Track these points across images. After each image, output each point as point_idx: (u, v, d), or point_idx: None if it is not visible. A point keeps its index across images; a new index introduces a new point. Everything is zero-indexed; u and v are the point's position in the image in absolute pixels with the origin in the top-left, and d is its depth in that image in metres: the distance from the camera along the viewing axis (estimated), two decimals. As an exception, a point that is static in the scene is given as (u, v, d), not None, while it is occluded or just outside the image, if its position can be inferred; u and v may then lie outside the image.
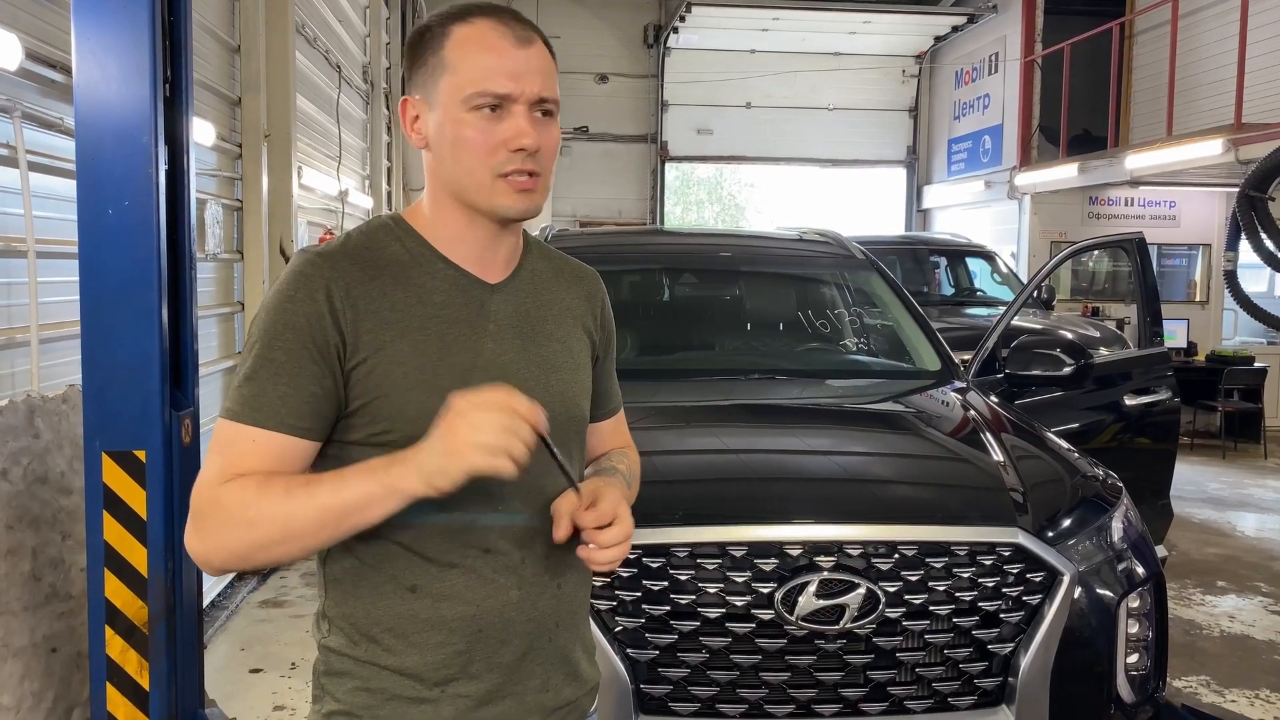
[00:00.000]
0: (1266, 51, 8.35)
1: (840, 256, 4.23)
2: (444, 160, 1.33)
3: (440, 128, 1.32)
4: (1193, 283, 11.90)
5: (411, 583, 1.31)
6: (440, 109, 1.31)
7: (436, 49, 1.32)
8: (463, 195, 1.33)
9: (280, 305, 1.27)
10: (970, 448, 2.90)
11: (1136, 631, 2.50)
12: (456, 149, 1.31)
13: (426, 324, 1.31)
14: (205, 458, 1.28)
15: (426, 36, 1.34)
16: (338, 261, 1.30)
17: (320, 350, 1.25)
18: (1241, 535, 6.91)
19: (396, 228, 1.37)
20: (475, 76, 1.29)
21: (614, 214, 14.15)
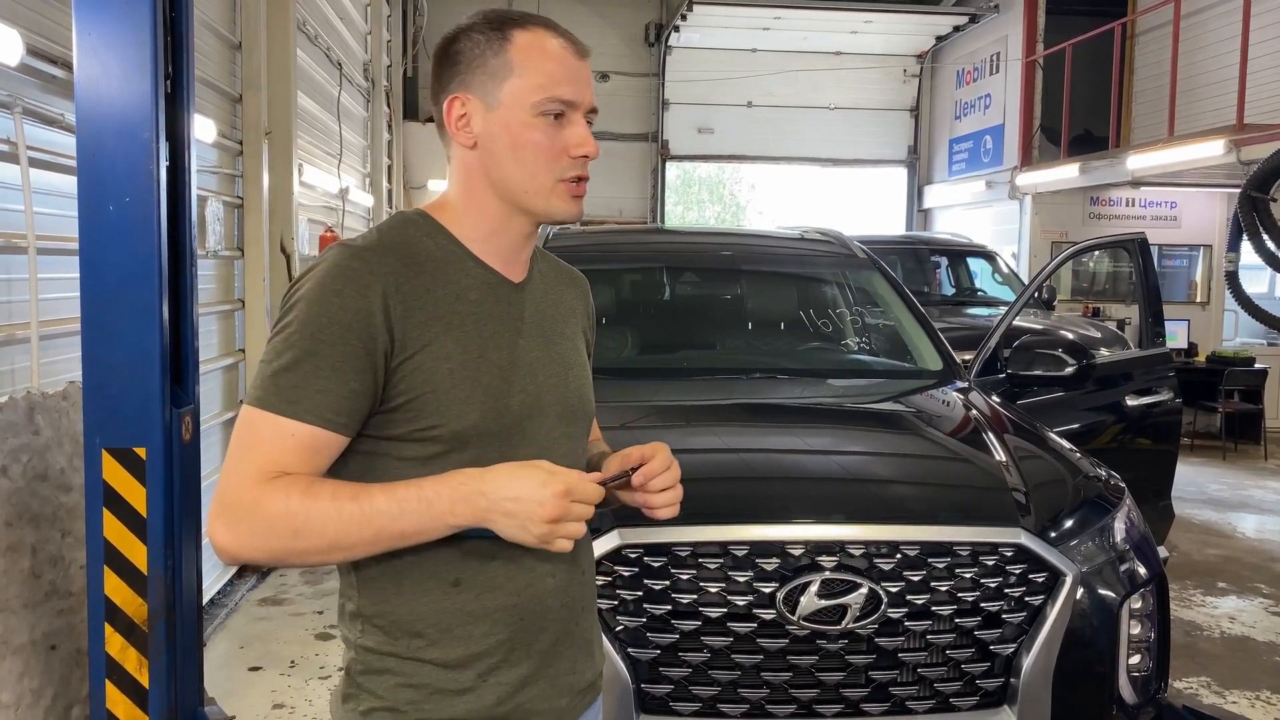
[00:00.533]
0: (1269, 52, 8.35)
1: (842, 256, 4.23)
2: (500, 160, 1.35)
3: (502, 128, 1.34)
4: (1194, 283, 11.89)
5: (455, 577, 1.33)
6: (504, 110, 1.34)
7: (499, 51, 1.34)
8: (516, 196, 1.36)
9: (325, 299, 1.26)
10: (972, 448, 2.89)
11: (1139, 632, 2.49)
12: (519, 151, 1.34)
13: (465, 321, 1.33)
14: (234, 446, 1.27)
15: (480, 39, 1.35)
16: (383, 257, 1.31)
17: (366, 348, 1.26)
18: (1242, 536, 6.90)
19: (425, 224, 1.39)
20: (544, 82, 1.33)
21: (615, 212, 14.14)
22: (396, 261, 1.31)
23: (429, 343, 1.29)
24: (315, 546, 1.22)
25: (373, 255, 1.30)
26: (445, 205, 1.41)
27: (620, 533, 2.24)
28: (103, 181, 2.52)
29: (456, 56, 1.36)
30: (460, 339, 1.32)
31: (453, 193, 1.41)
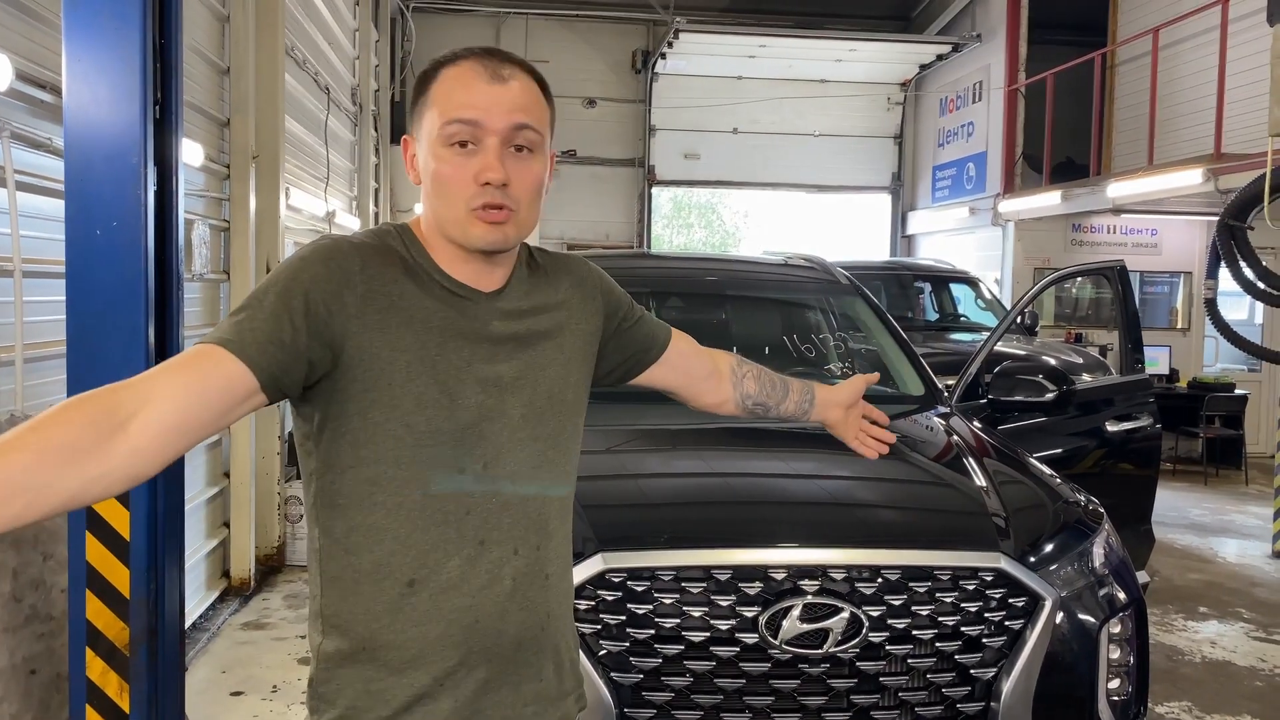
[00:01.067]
0: (1246, 83, 8.47)
1: (825, 281, 4.26)
2: (428, 194, 1.39)
3: (424, 163, 1.38)
4: (1174, 310, 12.00)
5: (410, 577, 1.33)
6: (424, 145, 1.38)
7: (425, 89, 1.38)
8: (443, 229, 1.38)
9: (291, 265, 1.31)
10: (953, 472, 2.92)
11: (1118, 657, 2.51)
12: (435, 184, 1.36)
13: (429, 319, 1.35)
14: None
15: (422, 79, 1.40)
16: (360, 247, 1.36)
17: (319, 321, 1.28)
18: (1223, 561, 6.94)
19: (403, 235, 1.42)
20: (444, 109, 1.34)
21: (601, 237, 14.19)
22: (371, 253, 1.35)
23: (387, 329, 1.32)
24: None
25: (348, 243, 1.35)
26: (419, 227, 1.45)
27: (604, 557, 2.25)
28: (90, 205, 2.53)
29: (412, 98, 1.42)
30: (419, 335, 1.34)
31: (421, 221, 1.45)
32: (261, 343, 1.24)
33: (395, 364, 1.31)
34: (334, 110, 8.34)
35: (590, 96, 14.07)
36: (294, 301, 1.27)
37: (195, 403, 1.18)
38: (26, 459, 1.05)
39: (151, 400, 1.14)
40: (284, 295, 1.27)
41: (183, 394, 1.17)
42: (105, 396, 1.13)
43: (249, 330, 1.24)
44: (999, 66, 12.21)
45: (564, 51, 13.69)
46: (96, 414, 1.10)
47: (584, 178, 14.16)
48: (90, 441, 1.08)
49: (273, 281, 1.30)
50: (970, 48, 12.80)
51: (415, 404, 1.32)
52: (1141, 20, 10.50)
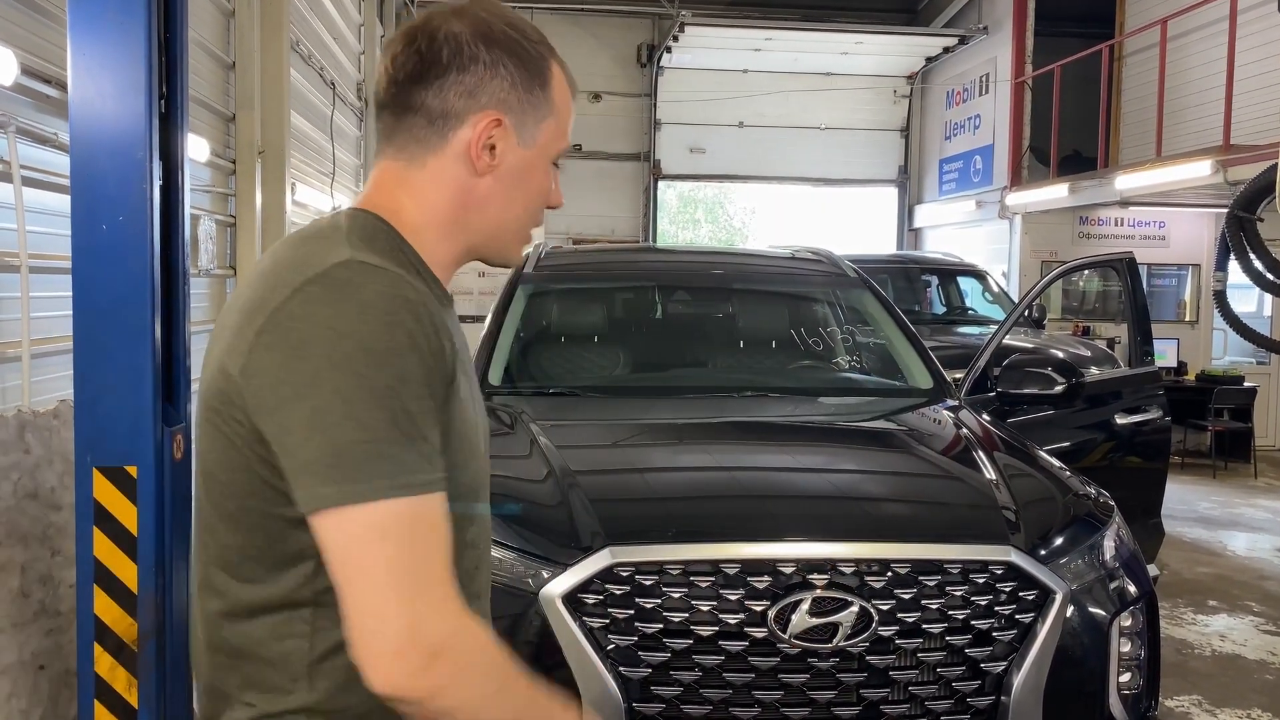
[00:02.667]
0: (1255, 74, 8.43)
1: (833, 275, 4.25)
2: (504, 199, 1.18)
3: (527, 169, 1.18)
4: (1183, 302, 11.96)
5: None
6: (536, 151, 1.18)
7: (544, 82, 1.18)
8: (490, 234, 1.20)
9: (412, 343, 1.02)
10: (962, 466, 2.90)
11: (1129, 650, 2.50)
12: (528, 198, 1.20)
13: (461, 348, 1.17)
14: (386, 560, 0.97)
15: (530, 55, 1.17)
16: (412, 276, 1.09)
17: (443, 389, 1.07)
18: (1232, 554, 6.92)
19: (392, 233, 1.16)
20: (566, 127, 1.22)
21: (607, 231, 14.18)
22: (420, 281, 1.11)
23: (459, 379, 1.11)
24: (482, 699, 1.01)
25: (410, 275, 1.09)
26: (399, 217, 1.16)
27: (612, 551, 2.24)
28: (96, 200, 2.53)
29: (495, 65, 1.14)
30: (465, 371, 1.15)
31: (416, 210, 1.17)
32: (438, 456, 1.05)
33: (462, 413, 1.12)
34: (339, 105, 8.34)
35: (596, 91, 14.05)
36: (426, 399, 1.04)
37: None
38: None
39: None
40: (422, 388, 1.03)
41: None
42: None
43: (432, 454, 1.03)
44: (1005, 59, 12.16)
45: (569, 46, 13.67)
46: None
47: (589, 173, 14.16)
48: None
49: (401, 369, 1.01)
50: (976, 40, 12.76)
51: (470, 449, 1.14)
52: (1149, 11, 10.45)
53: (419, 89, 1.13)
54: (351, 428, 0.97)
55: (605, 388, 3.67)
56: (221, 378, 1.06)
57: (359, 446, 0.97)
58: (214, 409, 1.07)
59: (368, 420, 0.98)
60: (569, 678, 2.17)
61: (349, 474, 0.97)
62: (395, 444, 0.99)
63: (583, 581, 2.23)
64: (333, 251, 1.06)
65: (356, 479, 0.97)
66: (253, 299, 1.07)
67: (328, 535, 0.99)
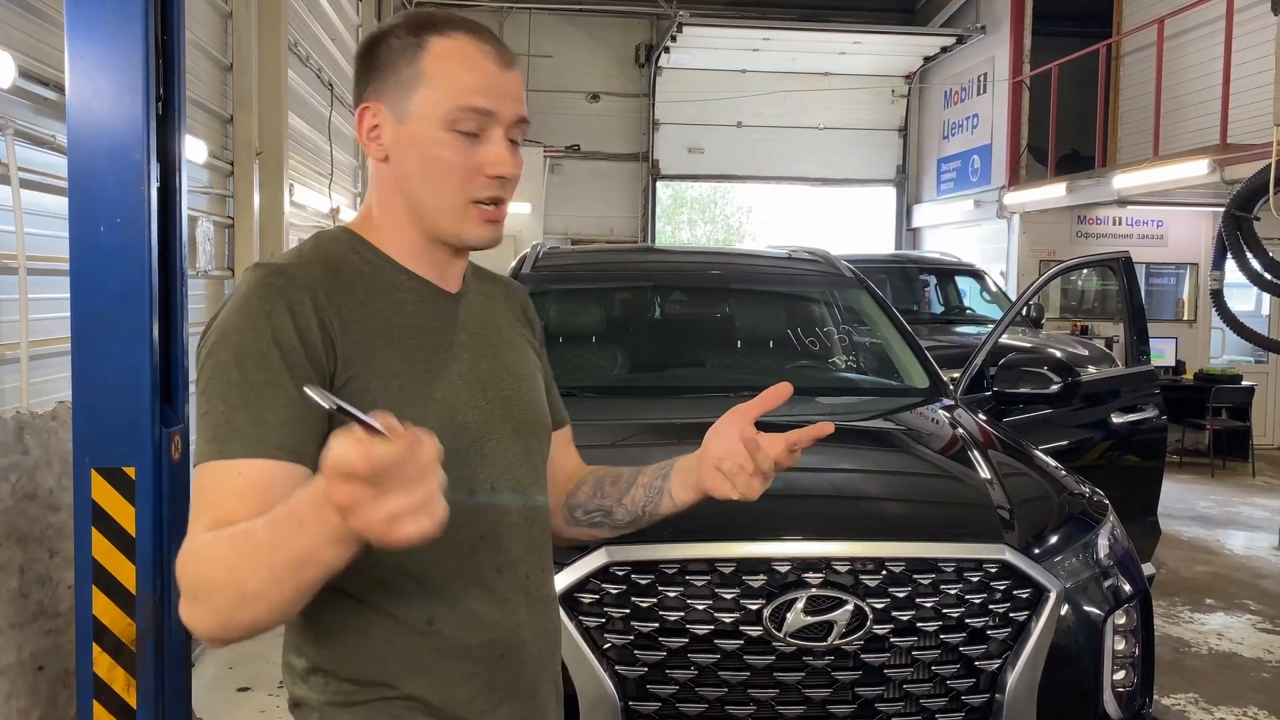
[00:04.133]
0: (1251, 73, 8.43)
1: (829, 275, 4.26)
2: (409, 177, 1.24)
3: (411, 143, 1.23)
4: (1180, 301, 11.97)
5: (428, 616, 1.21)
6: (414, 123, 1.22)
7: (412, 59, 1.22)
8: (426, 217, 1.25)
9: (257, 324, 1.13)
10: (958, 465, 2.91)
11: (1123, 648, 2.51)
12: (429, 169, 1.22)
13: (407, 334, 1.23)
14: (194, 509, 1.11)
15: (395, 44, 1.24)
16: (307, 270, 1.20)
17: (315, 367, 1.14)
18: (1230, 553, 6.93)
19: (349, 239, 1.27)
20: (454, 93, 1.21)
21: (605, 231, 14.19)
22: (324, 274, 1.20)
23: (371, 357, 1.18)
24: (229, 600, 1.01)
25: (297, 270, 1.19)
26: (369, 220, 1.29)
27: (607, 550, 2.25)
28: (94, 202, 2.54)
29: (373, 61, 1.25)
30: (404, 353, 1.21)
31: (373, 207, 1.29)
32: (304, 432, 1.11)
33: (388, 393, 1.17)
34: (337, 106, 8.35)
35: (594, 91, 14.06)
36: (268, 374, 1.11)
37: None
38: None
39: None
40: (262, 363, 1.12)
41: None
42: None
43: (281, 425, 1.10)
44: (1003, 58, 12.17)
45: (567, 46, 13.69)
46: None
47: (587, 172, 14.16)
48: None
49: (231, 351, 1.12)
50: (974, 40, 12.77)
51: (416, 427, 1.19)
52: (1146, 11, 10.46)
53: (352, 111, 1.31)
54: (204, 401, 1.14)
55: (602, 388, 3.68)
56: None
57: (206, 415, 1.13)
58: None
59: (212, 393, 1.13)
60: (565, 677, 2.18)
61: (197, 440, 1.15)
62: (223, 415, 1.11)
63: (579, 580, 2.24)
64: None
65: (200, 443, 1.14)
66: None
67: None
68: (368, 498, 0.88)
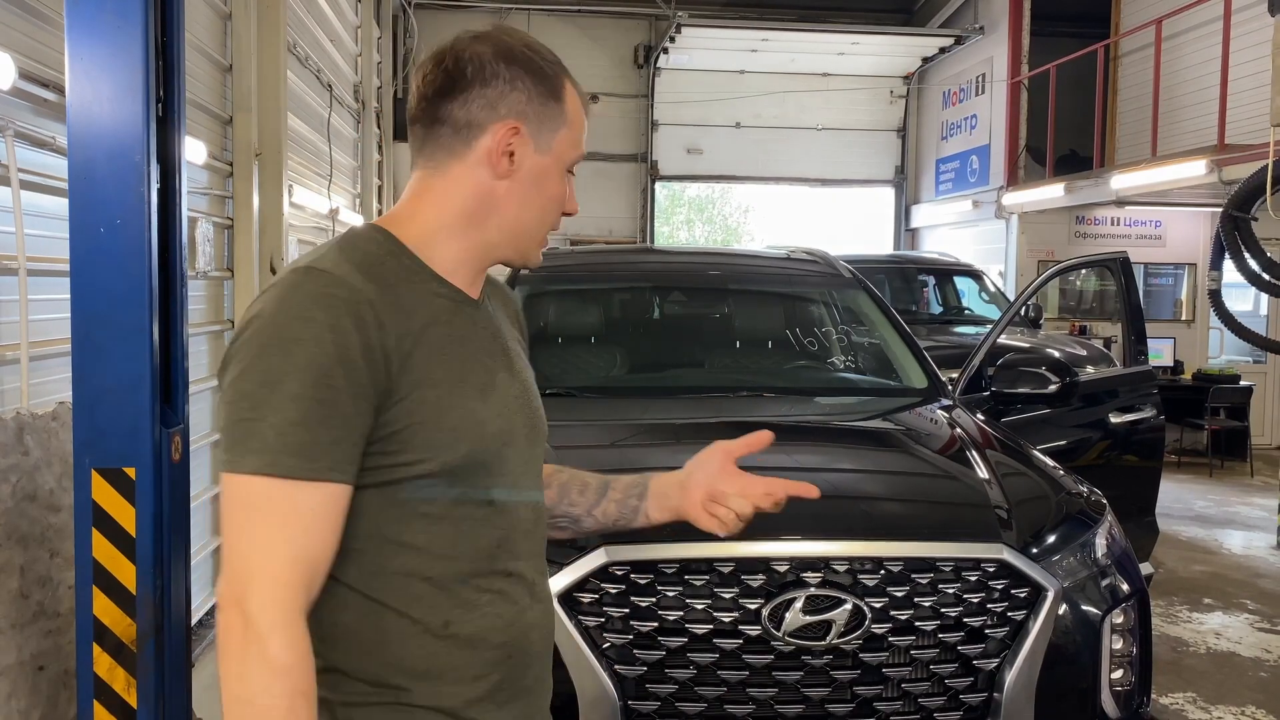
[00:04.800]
0: (1249, 74, 8.44)
1: (828, 275, 4.26)
2: (524, 203, 1.31)
3: (543, 174, 1.31)
4: (1179, 301, 11.98)
5: (444, 619, 1.23)
6: (551, 159, 1.31)
7: (558, 96, 1.31)
8: (515, 238, 1.33)
9: (319, 338, 1.12)
10: (956, 464, 2.92)
11: (1121, 647, 2.52)
12: (547, 202, 1.33)
13: (445, 344, 1.25)
14: (240, 528, 1.10)
15: (538, 74, 1.30)
16: (364, 281, 1.18)
17: (374, 384, 1.15)
18: (1228, 553, 6.94)
19: (386, 241, 1.27)
20: (579, 141, 1.35)
21: (605, 232, 14.19)
22: (375, 285, 1.19)
23: (415, 368, 1.19)
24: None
25: (354, 280, 1.17)
26: (411, 223, 1.29)
27: (606, 550, 2.26)
28: (94, 203, 2.54)
29: (514, 80, 1.27)
30: (443, 363, 1.23)
31: (433, 212, 1.29)
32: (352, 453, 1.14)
33: (426, 404, 1.20)
34: (336, 107, 8.35)
35: (592, 92, 14.03)
36: (329, 390, 1.11)
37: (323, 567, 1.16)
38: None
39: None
40: (324, 379, 1.11)
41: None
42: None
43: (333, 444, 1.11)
44: (1001, 59, 12.18)
45: (566, 47, 13.68)
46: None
47: (587, 173, 14.16)
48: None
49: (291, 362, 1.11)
50: (973, 40, 12.78)
51: (452, 438, 1.21)
52: (1144, 11, 10.48)
53: (446, 102, 1.27)
54: (246, 405, 1.11)
55: (602, 388, 3.69)
56: None
57: (243, 423, 1.10)
58: None
59: (258, 400, 1.10)
60: (565, 676, 2.19)
61: (231, 444, 1.11)
62: (274, 426, 1.09)
63: (578, 580, 2.25)
64: (302, 260, 1.21)
65: (234, 450, 1.11)
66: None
67: (223, 494, 1.12)
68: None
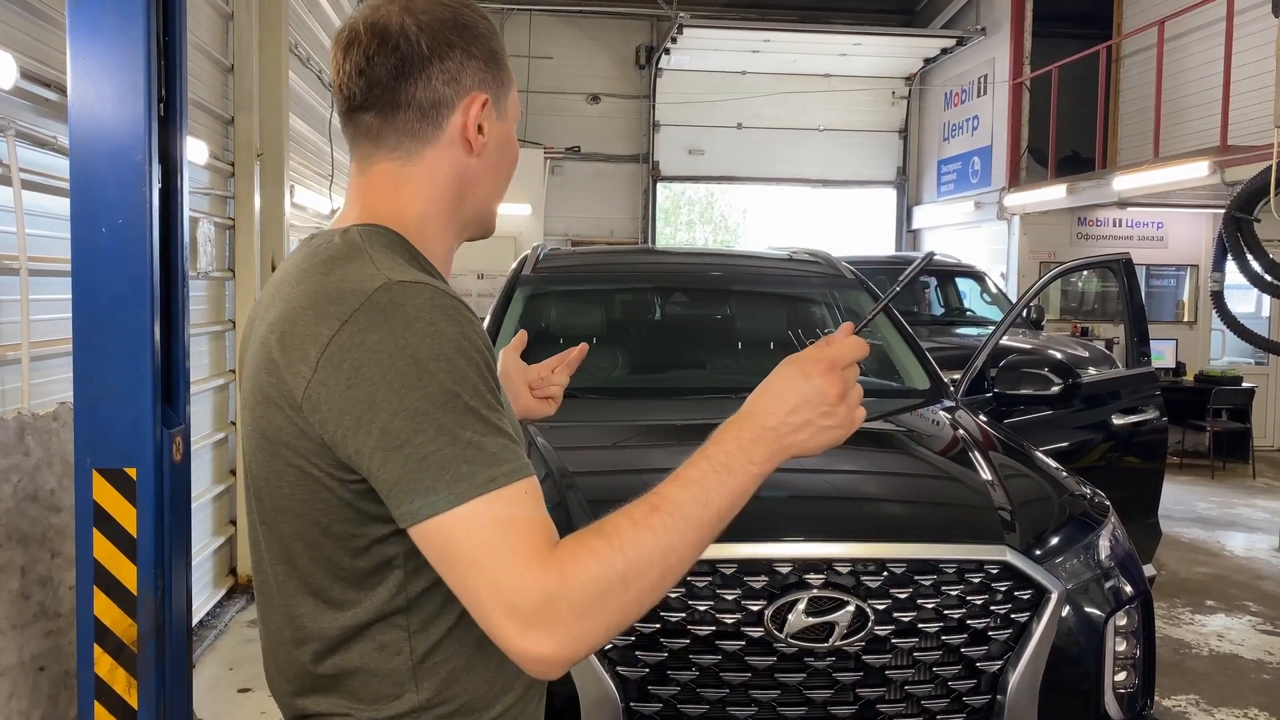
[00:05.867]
0: (1252, 75, 8.44)
1: (830, 276, 4.26)
2: (492, 174, 1.22)
3: (505, 140, 1.22)
4: (1181, 303, 11.97)
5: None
6: (509, 121, 1.23)
7: (503, 56, 1.21)
8: (482, 214, 1.24)
9: (458, 345, 1.02)
10: (959, 466, 2.91)
11: (1124, 649, 2.51)
12: (508, 168, 1.24)
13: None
14: (481, 550, 0.97)
15: (487, 32, 1.19)
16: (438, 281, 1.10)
17: (496, 382, 1.08)
18: (1230, 555, 6.93)
19: (405, 243, 1.16)
20: (515, 93, 1.25)
21: (606, 233, 14.19)
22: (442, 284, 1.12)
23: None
24: (649, 584, 1.01)
25: (436, 282, 1.08)
26: (402, 219, 1.17)
27: (609, 551, 2.25)
28: (95, 203, 2.54)
29: (468, 48, 1.16)
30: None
31: (419, 205, 1.18)
32: (514, 440, 1.06)
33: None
34: (338, 108, 8.35)
35: (594, 92, 14.06)
36: (486, 394, 1.04)
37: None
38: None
39: None
40: (479, 384, 1.03)
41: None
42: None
43: (507, 444, 1.03)
44: (1003, 60, 12.18)
45: (568, 47, 13.69)
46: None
47: (588, 174, 14.16)
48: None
49: (452, 379, 1.01)
50: (974, 41, 12.77)
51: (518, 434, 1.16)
52: (1146, 12, 10.47)
53: (405, 84, 1.13)
54: (424, 440, 0.98)
55: (603, 389, 3.68)
56: (280, 415, 1.06)
57: (435, 455, 0.98)
58: (286, 445, 1.07)
59: (435, 428, 0.98)
60: (567, 678, 2.18)
61: (433, 484, 0.98)
62: (469, 445, 0.99)
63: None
64: (366, 275, 1.06)
65: (440, 486, 0.98)
66: (293, 331, 1.06)
67: (431, 544, 0.99)
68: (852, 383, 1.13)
